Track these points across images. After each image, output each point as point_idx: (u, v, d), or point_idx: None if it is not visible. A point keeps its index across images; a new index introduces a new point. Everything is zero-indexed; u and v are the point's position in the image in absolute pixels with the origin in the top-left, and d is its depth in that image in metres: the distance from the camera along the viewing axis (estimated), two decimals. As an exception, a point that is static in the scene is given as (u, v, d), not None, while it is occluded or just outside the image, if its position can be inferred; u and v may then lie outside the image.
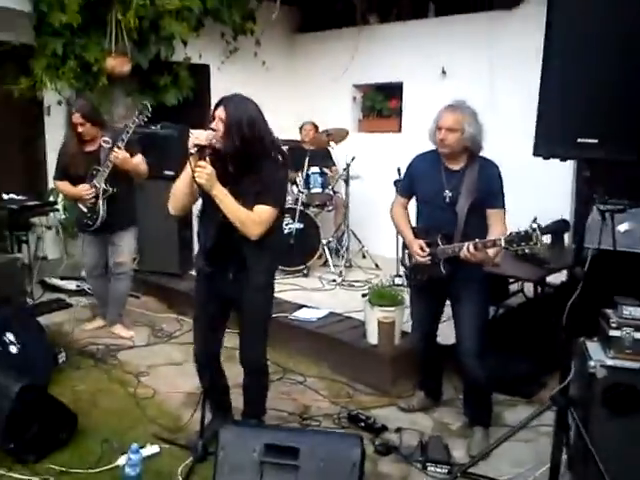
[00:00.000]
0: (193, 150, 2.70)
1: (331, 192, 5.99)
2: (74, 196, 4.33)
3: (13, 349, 3.44)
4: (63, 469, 2.79)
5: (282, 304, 4.72)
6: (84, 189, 4.21)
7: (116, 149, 4.10)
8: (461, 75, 6.00)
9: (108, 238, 4.39)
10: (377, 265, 5.85)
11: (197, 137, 2.68)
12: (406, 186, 3.39)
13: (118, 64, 5.67)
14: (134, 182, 4.41)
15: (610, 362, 2.53)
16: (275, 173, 2.81)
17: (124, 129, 4.20)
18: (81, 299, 5.20)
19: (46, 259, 5.75)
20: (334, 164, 6.41)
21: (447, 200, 3.14)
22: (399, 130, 6.62)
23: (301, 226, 5.61)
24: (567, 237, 4.70)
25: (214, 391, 3.05)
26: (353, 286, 5.27)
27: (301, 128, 6.57)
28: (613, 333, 2.58)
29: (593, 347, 2.70)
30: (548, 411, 2.64)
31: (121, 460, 2.78)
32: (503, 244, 2.83)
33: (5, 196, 5.05)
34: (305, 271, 5.64)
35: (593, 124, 2.34)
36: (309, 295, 5.05)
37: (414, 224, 3.35)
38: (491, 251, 2.97)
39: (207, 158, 2.73)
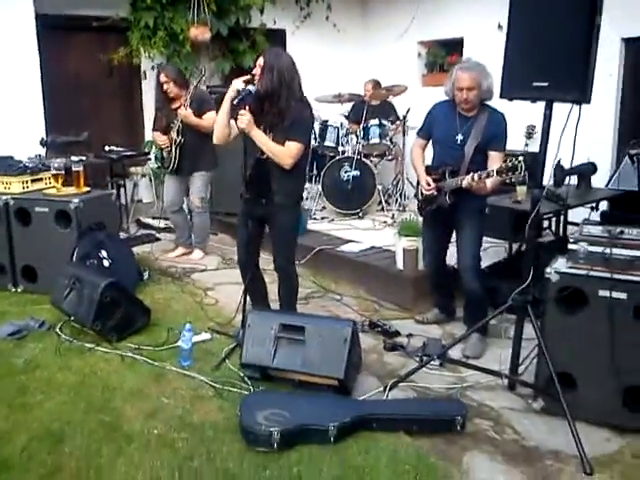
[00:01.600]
0: (235, 101, 3.43)
1: (388, 143, 6.54)
2: (157, 144, 5.27)
3: (106, 263, 4.38)
4: (136, 346, 3.67)
5: (333, 240, 5.45)
6: (161, 139, 5.17)
7: (182, 107, 4.94)
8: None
9: (183, 179, 5.30)
10: (430, 210, 6.36)
11: (234, 85, 3.42)
12: (425, 129, 3.94)
13: (200, 33, 6.51)
14: (206, 135, 5.19)
15: (563, 269, 3.01)
16: (301, 113, 3.47)
17: (196, 90, 5.06)
18: (167, 235, 6.17)
19: (141, 202, 6.84)
20: (398, 118, 6.92)
21: (458, 142, 3.68)
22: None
23: (358, 173, 6.25)
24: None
25: (254, 289, 3.79)
26: (401, 226, 5.84)
27: (365, 85, 7.13)
28: (571, 246, 3.04)
29: (560, 260, 3.18)
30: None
31: (180, 342, 3.60)
32: (495, 174, 3.37)
33: (107, 148, 6.05)
34: (360, 214, 6.28)
35: (545, 70, 2.85)
36: (360, 233, 5.69)
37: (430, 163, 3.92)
38: (489, 182, 3.50)
39: (246, 107, 3.45)
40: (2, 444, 2.73)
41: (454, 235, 3.88)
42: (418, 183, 3.96)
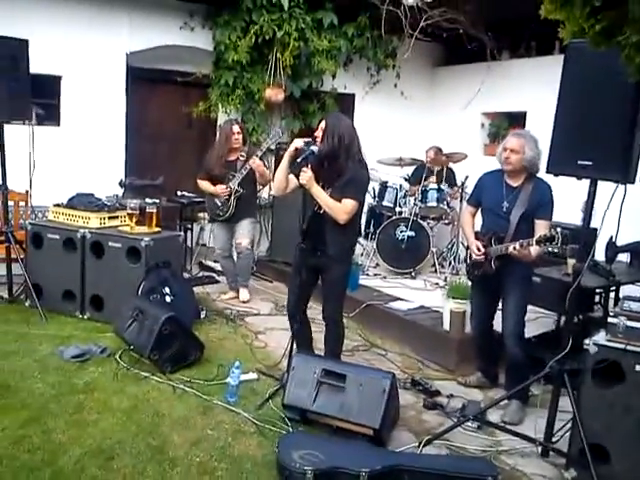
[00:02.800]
0: (299, 159, 3.72)
1: (446, 207, 6.71)
2: (212, 193, 5.61)
3: (168, 299, 4.68)
4: (188, 379, 3.90)
5: (383, 296, 5.59)
6: (221, 189, 5.52)
7: (255, 158, 5.36)
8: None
9: (232, 226, 5.67)
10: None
11: (295, 143, 3.72)
12: (474, 197, 4.12)
13: (274, 94, 6.95)
14: (257, 186, 5.69)
15: (601, 342, 3.07)
16: (357, 173, 3.72)
17: (260, 146, 5.56)
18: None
19: (205, 245, 7.19)
20: (456, 184, 7.11)
21: (504, 210, 3.85)
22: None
23: (413, 234, 6.41)
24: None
25: (300, 335, 3.97)
26: (452, 289, 5.95)
27: (427, 151, 7.37)
28: (611, 320, 3.12)
29: (601, 333, 3.24)
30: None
31: (228, 379, 3.81)
32: (534, 244, 3.51)
33: (179, 193, 6.47)
34: (413, 274, 6.42)
35: (589, 150, 3.01)
36: (410, 292, 5.81)
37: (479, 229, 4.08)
38: (533, 250, 3.62)
39: (308, 165, 3.73)
40: (59, 454, 2.97)
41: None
42: (467, 248, 4.11)
